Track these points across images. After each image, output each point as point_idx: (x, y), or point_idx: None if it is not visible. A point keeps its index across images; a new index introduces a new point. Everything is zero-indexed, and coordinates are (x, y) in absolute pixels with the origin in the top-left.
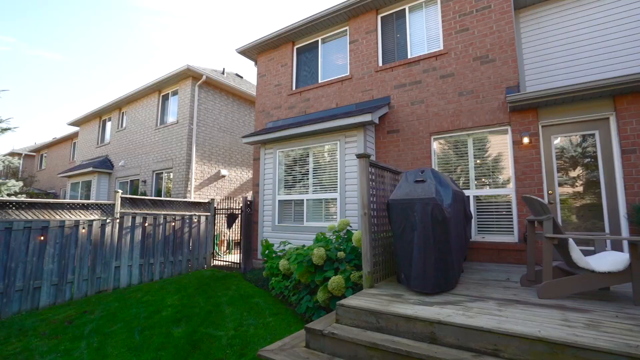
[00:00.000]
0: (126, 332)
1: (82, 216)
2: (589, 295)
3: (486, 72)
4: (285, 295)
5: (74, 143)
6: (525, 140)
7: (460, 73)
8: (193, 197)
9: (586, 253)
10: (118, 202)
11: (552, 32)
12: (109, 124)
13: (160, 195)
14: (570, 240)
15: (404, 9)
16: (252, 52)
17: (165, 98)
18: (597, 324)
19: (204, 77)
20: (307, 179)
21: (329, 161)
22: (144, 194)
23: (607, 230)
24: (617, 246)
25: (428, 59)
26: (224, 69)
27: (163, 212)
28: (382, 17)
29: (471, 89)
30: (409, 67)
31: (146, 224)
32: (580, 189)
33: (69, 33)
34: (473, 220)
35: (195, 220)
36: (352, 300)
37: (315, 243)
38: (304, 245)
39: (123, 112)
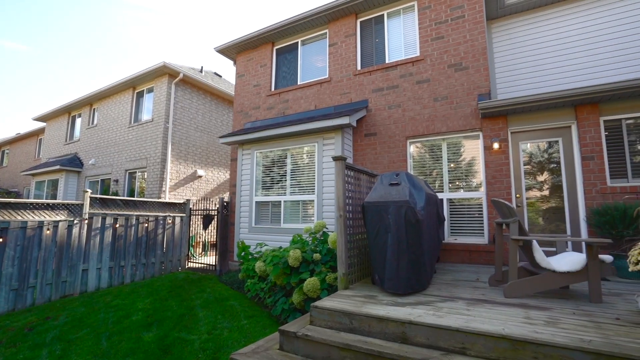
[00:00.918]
0: (93, 338)
1: (47, 217)
2: (551, 293)
3: (460, 79)
4: (261, 298)
5: (40, 139)
6: (496, 145)
7: (435, 79)
8: (168, 197)
9: (549, 254)
10: (87, 202)
11: (521, 43)
12: (78, 121)
13: (133, 196)
14: (534, 242)
15: (383, 15)
16: (231, 51)
17: (140, 95)
18: (556, 321)
19: (181, 75)
20: (285, 180)
21: (307, 163)
22: (116, 194)
23: (568, 232)
24: (577, 247)
25: (405, 64)
26: (202, 67)
27: (136, 213)
28: (361, 22)
29: (445, 94)
30: (387, 72)
31: (117, 225)
32: (546, 192)
33: (40, 24)
34: (446, 223)
35: (170, 221)
36: (326, 302)
37: (291, 245)
38: (280, 247)
39: (94, 109)
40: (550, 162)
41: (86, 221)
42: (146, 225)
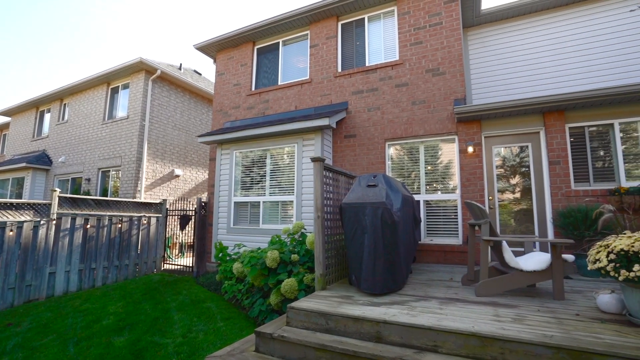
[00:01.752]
0: (59, 344)
1: (11, 217)
2: (519, 291)
3: (437, 84)
4: (239, 299)
5: (4, 135)
6: (470, 149)
7: (413, 83)
8: (143, 197)
9: (518, 254)
10: (55, 202)
11: (495, 51)
12: (47, 116)
13: (106, 195)
14: (504, 243)
15: (364, 18)
16: (211, 49)
17: (115, 91)
18: (522, 317)
19: (158, 72)
20: (264, 180)
21: (287, 163)
22: (88, 193)
23: (536, 233)
24: (544, 247)
25: (385, 67)
26: (180, 64)
27: (109, 213)
28: (342, 24)
29: (423, 98)
30: (367, 75)
31: (88, 226)
32: (518, 195)
33: (4, 13)
34: (423, 224)
35: (145, 221)
36: (303, 303)
37: (270, 246)
38: (259, 248)
39: (65, 104)
40: (521, 166)
41: (54, 222)
42: (120, 226)
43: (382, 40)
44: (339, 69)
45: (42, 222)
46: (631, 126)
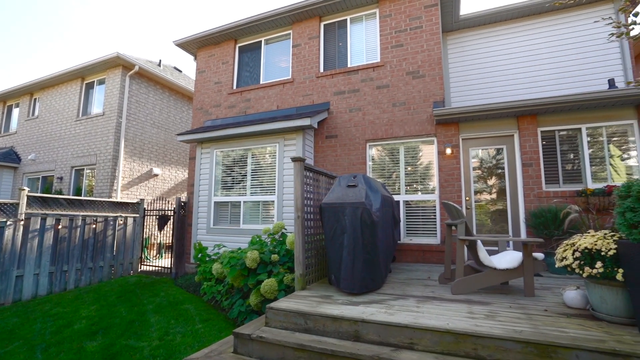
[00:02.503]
0: (26, 351)
1: None
2: (493, 289)
3: (417, 86)
4: (218, 300)
5: None
6: (448, 151)
7: (394, 85)
8: (120, 196)
9: (492, 253)
10: (23, 201)
11: (473, 56)
12: (16, 111)
13: (80, 195)
14: (479, 242)
15: (346, 20)
16: (192, 46)
17: (90, 87)
18: (495, 314)
19: (136, 68)
20: (245, 180)
21: (268, 163)
22: (60, 192)
23: (510, 232)
24: (517, 246)
25: (366, 69)
26: (160, 60)
27: (82, 213)
28: (325, 25)
29: (404, 100)
30: (349, 76)
31: (60, 227)
32: (494, 195)
33: None
34: (403, 224)
35: (121, 222)
36: (282, 303)
37: (250, 246)
38: (239, 248)
39: (36, 99)
40: (497, 168)
41: (22, 222)
42: (94, 226)
43: (364, 42)
44: (321, 70)
45: (8, 222)
46: (597, 131)
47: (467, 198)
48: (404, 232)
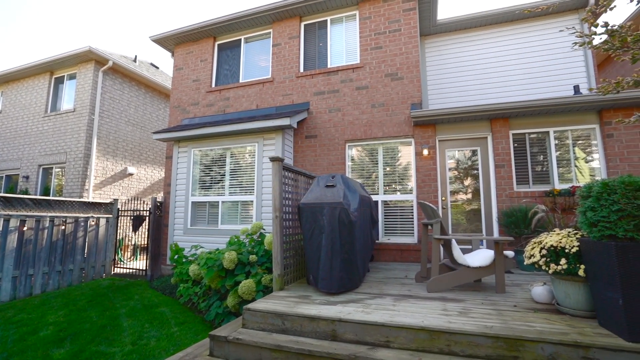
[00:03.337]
0: None
1: None
2: (466, 286)
3: (395, 88)
4: (195, 303)
5: None
6: (425, 152)
7: (373, 86)
8: (92, 196)
9: (467, 251)
10: None
11: (449, 60)
12: None
13: (48, 194)
14: (453, 241)
15: (326, 20)
16: (169, 42)
17: (60, 81)
18: (468, 311)
19: (110, 63)
20: (224, 180)
21: (248, 163)
22: (26, 192)
23: (484, 231)
24: (490, 245)
25: (346, 70)
26: (136, 56)
27: (50, 214)
28: (305, 25)
29: (382, 102)
30: (329, 76)
31: (25, 228)
32: (469, 195)
33: None
34: (381, 223)
35: (93, 223)
36: (260, 304)
37: (228, 247)
38: (217, 249)
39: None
40: (472, 169)
41: None
42: (63, 227)
43: (344, 43)
44: (301, 70)
45: None
46: (564, 134)
47: (443, 198)
48: (383, 231)
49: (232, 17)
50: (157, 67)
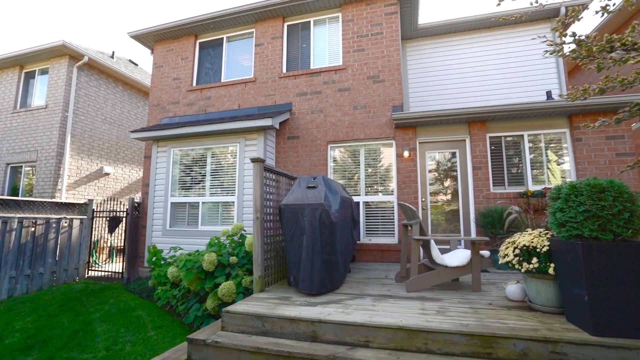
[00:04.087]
0: None
1: None
2: (444, 286)
3: (377, 91)
4: (173, 306)
5: None
6: (406, 154)
7: (355, 88)
8: (65, 197)
9: (445, 251)
10: None
11: (430, 63)
12: None
13: (17, 195)
14: (432, 241)
15: (310, 22)
16: (148, 39)
17: (31, 76)
18: (445, 310)
19: (85, 58)
20: (205, 180)
21: (230, 163)
22: None
23: (462, 231)
24: (468, 245)
25: (328, 71)
26: (113, 52)
27: (19, 215)
28: (288, 26)
29: (364, 104)
30: (311, 77)
31: None
32: (449, 197)
33: None
34: (362, 224)
35: (66, 224)
36: (239, 306)
37: (208, 248)
38: (197, 251)
39: None
40: (451, 170)
41: None
42: (33, 229)
43: (326, 45)
44: (284, 70)
45: None
46: (537, 138)
47: (423, 199)
48: (364, 232)
49: (214, 16)
50: (136, 64)
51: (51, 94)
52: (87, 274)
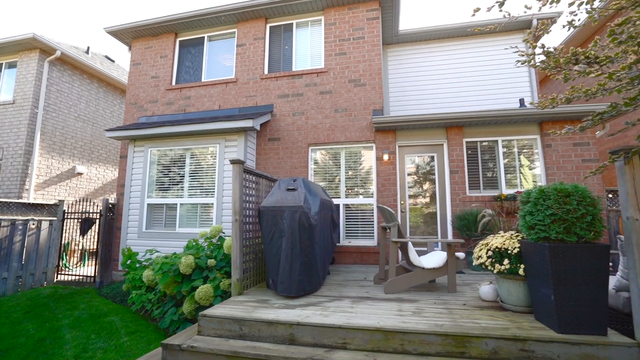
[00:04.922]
0: None
1: None
2: (421, 287)
3: (358, 94)
4: (148, 310)
5: None
6: (385, 157)
7: (337, 91)
8: (33, 197)
9: (423, 253)
10: None
11: (410, 69)
12: None
13: None
14: (409, 244)
15: (292, 24)
16: (126, 35)
17: None
18: (421, 310)
19: (58, 53)
20: (183, 181)
21: (210, 164)
22: None
23: (439, 234)
24: (444, 247)
25: (310, 74)
26: (88, 47)
27: None
28: (271, 27)
29: (345, 107)
30: (293, 79)
31: None
32: (427, 200)
33: None
34: (342, 226)
35: (34, 226)
36: (217, 310)
37: (185, 250)
38: (174, 254)
39: None
40: (430, 174)
41: None
42: None
43: (309, 47)
44: (266, 71)
45: None
46: (510, 143)
47: (402, 202)
48: (344, 234)
49: (195, 14)
50: (112, 61)
51: (19, 89)
52: (57, 278)
